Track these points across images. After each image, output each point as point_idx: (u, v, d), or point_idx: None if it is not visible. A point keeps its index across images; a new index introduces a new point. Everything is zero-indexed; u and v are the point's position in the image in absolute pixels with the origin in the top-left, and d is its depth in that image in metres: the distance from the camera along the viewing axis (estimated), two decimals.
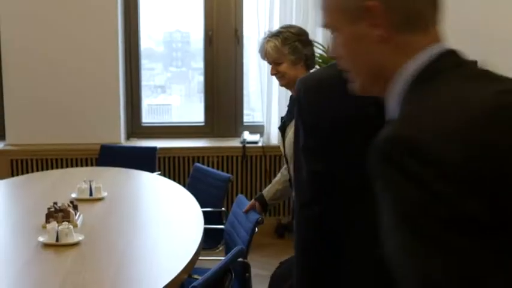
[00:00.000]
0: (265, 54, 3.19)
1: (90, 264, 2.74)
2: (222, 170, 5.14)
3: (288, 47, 3.08)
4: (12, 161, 5.42)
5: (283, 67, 3.13)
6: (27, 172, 5.35)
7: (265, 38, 3.19)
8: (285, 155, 3.28)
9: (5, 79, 5.44)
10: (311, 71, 3.13)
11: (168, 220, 3.42)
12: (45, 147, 5.43)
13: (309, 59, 3.13)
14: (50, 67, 5.43)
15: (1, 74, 5.47)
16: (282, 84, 3.21)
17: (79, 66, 5.43)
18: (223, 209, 4.08)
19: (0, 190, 4.20)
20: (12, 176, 5.25)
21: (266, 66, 5.42)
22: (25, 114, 5.47)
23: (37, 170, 5.37)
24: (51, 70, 5.43)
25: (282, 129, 3.27)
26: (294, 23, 5.01)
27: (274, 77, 3.50)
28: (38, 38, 5.37)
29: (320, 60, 4.96)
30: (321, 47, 5.00)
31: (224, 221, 3.94)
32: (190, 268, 2.72)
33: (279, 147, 5.37)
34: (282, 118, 3.40)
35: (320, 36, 5.18)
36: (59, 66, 5.43)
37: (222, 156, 5.42)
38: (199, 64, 5.84)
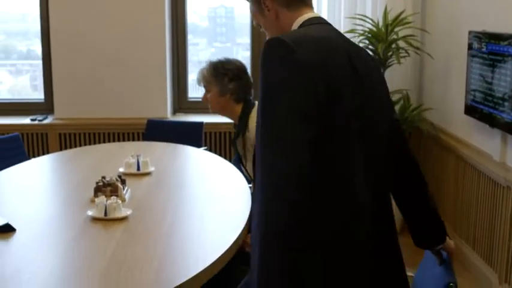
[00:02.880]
0: (199, 81, 3.48)
1: (138, 238, 2.74)
2: None
3: (214, 78, 3.36)
4: (60, 135, 5.48)
5: (210, 96, 3.42)
6: (75, 146, 5.41)
7: (203, 66, 3.47)
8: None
9: (54, 55, 5.49)
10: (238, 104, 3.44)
11: (215, 195, 3.40)
12: (93, 122, 5.47)
13: (234, 94, 3.38)
14: (98, 43, 5.45)
15: (50, 50, 5.51)
16: (212, 111, 3.50)
17: (126, 41, 5.44)
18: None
19: (49, 164, 4.26)
20: (61, 149, 5.32)
21: None
22: (73, 89, 5.52)
23: (85, 144, 5.42)
24: (98, 46, 5.45)
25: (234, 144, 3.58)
26: None
27: None
28: (85, 16, 5.40)
29: (370, 35, 4.87)
30: (370, 21, 4.91)
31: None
32: (239, 244, 2.70)
33: None
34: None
35: (370, 12, 5.09)
36: (106, 42, 5.45)
37: None
38: (244, 39, 5.79)
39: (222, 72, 3.34)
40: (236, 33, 6.13)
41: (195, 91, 5.90)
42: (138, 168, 3.75)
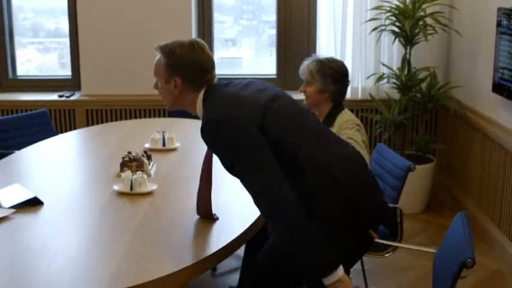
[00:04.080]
0: (302, 72, 3.48)
1: (163, 213, 2.77)
2: None
3: (319, 75, 3.36)
4: (87, 111, 5.53)
5: (310, 90, 3.41)
6: (102, 122, 5.46)
7: (308, 60, 3.47)
8: None
9: (81, 32, 5.52)
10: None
11: None
12: (119, 98, 5.51)
13: (333, 95, 3.39)
14: (124, 20, 5.47)
15: (77, 27, 5.54)
16: (305, 103, 3.46)
17: (152, 18, 5.45)
18: None
19: (76, 139, 4.31)
20: (88, 125, 5.38)
21: (340, 21, 5.34)
22: (100, 65, 5.55)
23: (111, 120, 5.46)
24: (124, 23, 5.47)
25: None
26: None
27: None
28: None
29: (397, 11, 4.83)
30: None
31: None
32: (263, 220, 2.71)
33: (351, 100, 5.32)
34: None
35: None
36: (132, 19, 5.47)
37: None
38: (270, 17, 5.78)
39: (327, 72, 3.37)
40: (263, 11, 6.11)
41: (220, 69, 5.89)
42: (164, 144, 3.78)
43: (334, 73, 3.39)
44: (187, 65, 2.51)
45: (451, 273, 2.13)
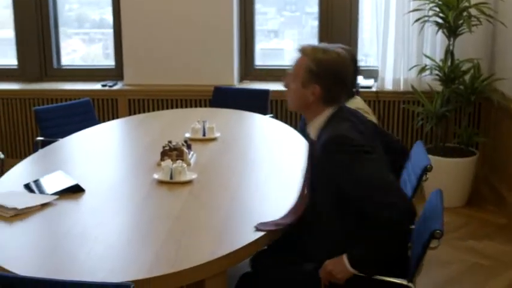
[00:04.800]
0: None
1: (202, 202, 2.79)
2: None
3: None
4: (129, 100, 5.59)
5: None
6: (144, 111, 5.51)
7: None
8: None
9: (124, 23, 5.57)
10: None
11: (279, 162, 3.42)
12: (161, 88, 5.55)
13: None
14: (166, 12, 5.51)
15: (120, 18, 5.60)
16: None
17: (194, 10, 5.47)
18: None
19: (118, 128, 4.36)
20: (130, 115, 5.43)
21: (382, 12, 5.29)
22: (142, 56, 5.60)
23: (153, 110, 5.51)
24: (167, 15, 5.51)
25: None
26: None
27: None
28: None
29: (440, 2, 4.76)
30: None
31: None
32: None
33: (393, 92, 5.27)
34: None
35: None
36: (174, 11, 5.50)
37: None
38: (314, 8, 5.75)
39: None
40: (306, 2, 6.08)
41: (262, 60, 5.90)
42: (204, 134, 3.80)
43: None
44: (333, 77, 2.44)
45: (422, 243, 2.31)
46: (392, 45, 5.30)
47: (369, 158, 2.35)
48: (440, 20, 4.82)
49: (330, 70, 2.43)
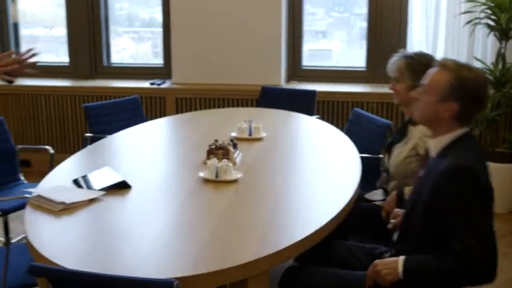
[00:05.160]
0: (390, 69, 3.35)
1: (247, 201, 2.80)
2: (382, 116, 5.03)
3: (409, 72, 3.23)
4: (177, 99, 5.64)
5: (399, 87, 3.28)
6: (191, 110, 5.55)
7: (396, 56, 3.36)
8: (387, 170, 3.42)
9: (173, 23, 5.62)
10: None
11: (324, 163, 3.41)
12: (208, 87, 5.59)
13: None
14: (215, 11, 5.54)
15: (170, 17, 5.65)
16: (395, 101, 3.38)
17: (243, 10, 5.49)
18: (381, 155, 3.99)
19: (165, 126, 4.41)
20: (177, 113, 5.48)
21: (433, 14, 5.22)
22: (190, 55, 5.65)
23: (200, 109, 5.55)
24: (215, 14, 5.54)
25: (389, 147, 3.42)
26: None
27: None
28: None
29: (492, 4, 4.68)
30: None
31: (381, 168, 3.86)
32: (345, 214, 2.70)
33: None
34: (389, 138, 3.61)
35: None
36: (223, 10, 5.52)
37: (383, 103, 5.31)
38: (362, 9, 5.71)
39: (418, 68, 3.20)
40: (355, 3, 6.04)
41: (310, 61, 5.88)
42: (250, 134, 3.81)
43: (426, 69, 3.30)
44: (473, 97, 2.38)
45: None
46: (443, 48, 5.23)
47: (487, 205, 2.31)
48: (492, 23, 4.74)
49: (472, 89, 2.36)
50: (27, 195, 2.80)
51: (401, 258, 2.33)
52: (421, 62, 3.22)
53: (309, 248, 2.43)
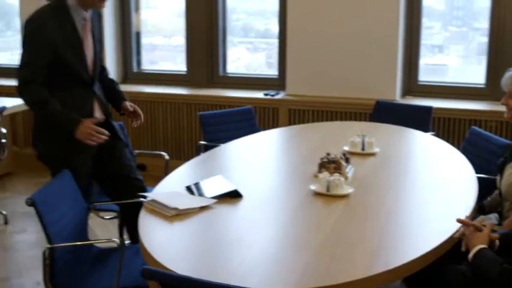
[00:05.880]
0: (505, 84, 3.25)
1: (357, 217, 2.76)
2: (501, 136, 4.84)
3: None
4: (290, 110, 5.66)
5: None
6: (304, 122, 5.55)
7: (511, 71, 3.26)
8: (500, 191, 3.26)
9: (289, 35, 5.66)
10: None
11: (439, 182, 3.31)
12: (322, 100, 5.57)
13: None
14: (331, 25, 5.52)
15: (286, 28, 5.69)
16: (506, 116, 3.27)
17: (359, 23, 5.45)
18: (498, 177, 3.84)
19: (278, 137, 4.43)
20: (290, 124, 5.49)
21: None
22: (305, 67, 5.66)
23: (313, 121, 5.54)
24: (331, 28, 5.52)
25: (501, 167, 3.28)
26: None
27: None
28: None
29: None
30: None
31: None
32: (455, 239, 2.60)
33: None
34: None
35: None
36: (340, 24, 5.50)
37: (502, 122, 5.11)
38: (482, 24, 5.53)
39: None
40: (474, 17, 5.86)
41: (425, 75, 5.74)
42: (363, 148, 3.76)
43: None
44: None
45: None
46: None
47: None
48: None
49: None
50: (142, 200, 2.88)
51: (479, 247, 2.39)
52: None
53: (419, 269, 2.37)
